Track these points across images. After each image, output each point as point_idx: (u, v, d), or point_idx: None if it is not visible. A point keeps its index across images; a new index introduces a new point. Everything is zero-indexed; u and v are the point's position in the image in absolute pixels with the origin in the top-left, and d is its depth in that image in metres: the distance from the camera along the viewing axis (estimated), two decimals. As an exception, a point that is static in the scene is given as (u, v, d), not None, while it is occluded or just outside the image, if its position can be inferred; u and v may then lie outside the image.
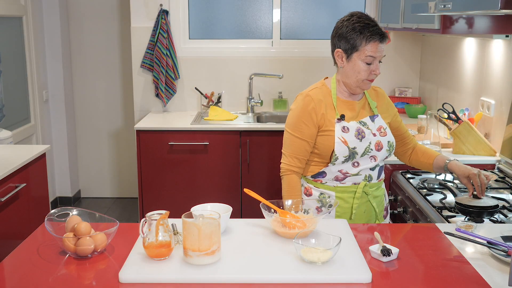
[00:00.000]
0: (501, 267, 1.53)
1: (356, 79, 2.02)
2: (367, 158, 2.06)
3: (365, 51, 1.97)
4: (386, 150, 2.08)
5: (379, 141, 2.06)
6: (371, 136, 2.06)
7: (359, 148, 2.03)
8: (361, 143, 2.03)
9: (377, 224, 2.00)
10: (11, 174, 2.58)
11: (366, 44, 1.97)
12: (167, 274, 1.48)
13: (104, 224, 1.75)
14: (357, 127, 2.05)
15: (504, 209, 2.06)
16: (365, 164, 2.06)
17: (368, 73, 2.01)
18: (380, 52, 1.99)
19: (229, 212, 1.77)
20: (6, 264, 1.58)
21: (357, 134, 2.04)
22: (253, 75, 4.15)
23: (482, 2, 1.95)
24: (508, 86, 2.70)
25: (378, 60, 2.00)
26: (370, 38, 1.96)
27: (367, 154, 2.05)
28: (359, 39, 1.97)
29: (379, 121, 2.11)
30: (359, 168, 2.06)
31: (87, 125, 4.96)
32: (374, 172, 2.09)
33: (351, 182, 2.07)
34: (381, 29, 2.00)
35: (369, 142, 2.05)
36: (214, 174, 3.72)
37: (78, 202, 5.00)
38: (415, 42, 4.18)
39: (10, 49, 3.92)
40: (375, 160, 2.07)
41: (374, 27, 1.97)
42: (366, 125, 2.07)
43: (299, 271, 1.48)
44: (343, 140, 2.01)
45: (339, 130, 2.03)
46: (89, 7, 4.74)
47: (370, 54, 1.97)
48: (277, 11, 4.22)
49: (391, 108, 2.21)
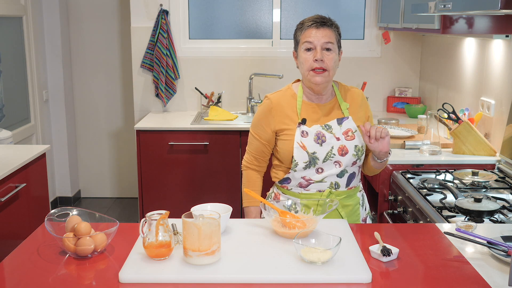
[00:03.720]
0: (501, 267, 1.53)
1: (304, 72, 1.99)
2: (331, 164, 1.99)
3: (302, 39, 1.98)
4: (352, 154, 1.99)
5: (343, 146, 1.99)
6: (333, 140, 1.99)
7: (320, 153, 1.98)
8: (321, 148, 1.98)
9: (377, 224, 2.00)
10: (11, 174, 2.58)
11: (302, 33, 1.98)
12: (167, 274, 1.48)
13: (104, 224, 1.75)
14: (317, 132, 1.99)
15: (504, 209, 2.06)
16: (329, 170, 1.99)
17: (310, 62, 1.95)
18: (317, 38, 1.94)
19: (229, 212, 1.77)
20: (6, 264, 1.58)
21: (316, 138, 1.98)
22: (253, 75, 4.15)
23: (482, 2, 1.95)
24: (508, 86, 2.70)
25: (319, 47, 1.94)
26: (305, 27, 1.98)
27: (330, 159, 1.98)
28: (298, 31, 2.01)
29: (348, 124, 2.02)
30: (323, 174, 2.00)
31: (87, 125, 4.96)
32: (341, 179, 2.02)
33: (315, 189, 2.02)
34: (324, 18, 1.99)
35: (331, 146, 1.98)
36: (214, 174, 3.72)
37: (78, 202, 5.00)
38: (415, 42, 4.18)
39: (10, 49, 3.92)
40: (340, 166, 1.99)
41: (313, 18, 1.98)
42: (330, 128, 2.00)
43: (299, 271, 1.48)
44: (302, 145, 1.97)
45: (298, 135, 1.99)
46: (89, 7, 4.74)
47: (306, 40, 1.96)
48: (277, 11, 4.22)
49: (366, 110, 2.11)
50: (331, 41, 1.95)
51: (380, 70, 4.23)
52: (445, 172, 2.60)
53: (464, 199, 2.10)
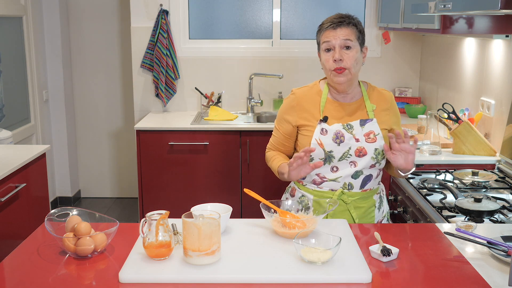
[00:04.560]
0: (501, 267, 1.53)
1: (327, 72, 2.00)
2: (346, 163, 1.98)
3: (322, 40, 1.99)
4: (371, 157, 1.97)
5: (361, 147, 1.97)
6: (352, 141, 1.97)
7: (336, 153, 1.97)
8: (338, 148, 1.97)
9: (377, 224, 2.00)
10: (11, 174, 2.58)
11: (322, 34, 1.99)
12: (167, 274, 1.48)
13: (104, 224, 1.75)
14: (337, 131, 1.98)
15: (504, 209, 2.06)
16: (344, 169, 1.98)
17: (330, 62, 1.96)
18: (335, 37, 1.94)
19: (229, 212, 1.77)
20: (6, 264, 1.58)
21: (335, 138, 1.97)
22: (253, 75, 4.15)
23: (482, 2, 1.95)
24: (508, 86, 2.70)
25: (338, 46, 1.94)
26: (324, 28, 1.98)
27: (346, 159, 1.97)
28: (318, 34, 2.02)
29: (371, 126, 2.00)
30: (338, 173, 1.99)
31: (87, 125, 4.96)
32: (356, 180, 2.00)
33: (328, 187, 2.02)
34: (343, 17, 1.99)
35: (349, 147, 1.97)
36: (214, 174, 3.72)
37: (78, 202, 5.00)
38: (415, 42, 4.18)
39: (10, 49, 3.92)
40: (355, 166, 1.98)
41: (332, 18, 1.99)
42: (351, 128, 1.99)
43: (299, 271, 1.48)
44: (319, 142, 1.97)
45: (317, 131, 1.99)
46: (89, 7, 4.74)
47: (325, 40, 1.96)
48: (277, 11, 4.22)
49: (394, 116, 2.09)
50: (349, 39, 1.95)
51: (380, 70, 4.23)
52: (445, 172, 2.60)
53: (464, 199, 2.10)
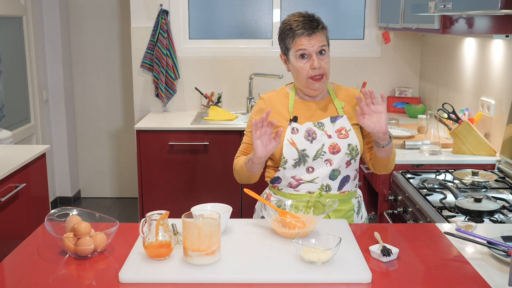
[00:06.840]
0: (501, 267, 1.53)
1: (300, 79, 1.96)
2: (321, 162, 1.94)
3: (295, 47, 1.92)
4: (345, 153, 1.94)
5: (334, 144, 1.94)
6: (324, 137, 1.94)
7: (310, 151, 1.94)
8: (311, 145, 1.94)
9: (377, 224, 2.00)
10: (11, 174, 2.58)
11: (294, 41, 1.91)
12: (167, 274, 1.48)
13: (104, 224, 1.75)
14: (308, 128, 1.95)
15: (504, 209, 2.06)
16: (320, 168, 1.95)
17: (307, 70, 1.92)
18: (312, 45, 1.89)
19: (229, 212, 1.77)
20: (6, 264, 1.58)
21: (306, 135, 1.95)
22: (253, 75, 4.15)
23: (482, 2, 1.95)
24: (508, 86, 2.70)
25: (314, 52, 1.90)
26: (297, 35, 1.91)
27: (320, 157, 1.94)
28: (288, 37, 1.94)
29: (342, 122, 1.97)
30: (314, 174, 1.95)
31: (87, 125, 4.96)
32: (334, 182, 1.96)
33: (305, 190, 1.97)
34: (312, 20, 1.91)
35: (322, 144, 1.94)
36: (214, 174, 3.72)
37: (78, 202, 5.00)
38: (415, 42, 4.18)
39: (10, 49, 3.92)
40: (331, 165, 1.94)
41: (301, 22, 1.90)
42: (322, 126, 1.96)
43: (299, 271, 1.48)
44: (291, 142, 1.95)
45: (289, 131, 1.97)
46: (89, 7, 4.74)
47: (300, 48, 1.90)
48: (277, 11, 4.22)
49: None
50: (324, 44, 1.93)
51: (380, 70, 4.23)
52: (445, 172, 2.60)
53: (464, 199, 2.10)
